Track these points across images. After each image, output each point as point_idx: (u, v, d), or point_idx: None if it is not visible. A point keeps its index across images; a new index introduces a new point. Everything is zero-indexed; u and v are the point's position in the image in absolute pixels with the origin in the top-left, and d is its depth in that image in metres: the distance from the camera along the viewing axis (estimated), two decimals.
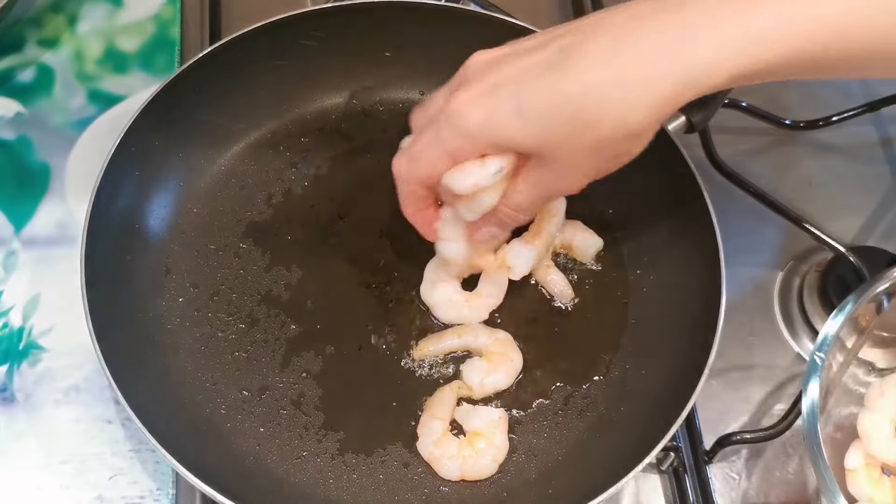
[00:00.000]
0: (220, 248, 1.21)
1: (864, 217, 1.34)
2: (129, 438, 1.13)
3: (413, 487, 1.09)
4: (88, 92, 1.35)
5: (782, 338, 1.25)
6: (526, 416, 1.14)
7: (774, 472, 1.17)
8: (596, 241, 1.22)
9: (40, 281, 1.22)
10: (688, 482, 1.13)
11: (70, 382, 1.16)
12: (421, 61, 1.29)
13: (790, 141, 1.38)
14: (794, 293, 1.27)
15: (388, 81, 1.30)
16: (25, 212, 1.26)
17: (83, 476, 1.11)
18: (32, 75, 1.36)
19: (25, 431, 1.13)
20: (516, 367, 1.14)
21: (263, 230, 1.23)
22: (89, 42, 1.39)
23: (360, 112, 1.31)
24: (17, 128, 1.32)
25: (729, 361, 1.21)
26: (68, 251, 1.22)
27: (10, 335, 1.18)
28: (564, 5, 1.46)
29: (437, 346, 1.16)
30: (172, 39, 1.39)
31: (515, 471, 1.11)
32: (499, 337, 1.15)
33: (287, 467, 1.09)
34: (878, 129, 1.41)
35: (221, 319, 1.17)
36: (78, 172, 1.29)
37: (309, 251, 1.22)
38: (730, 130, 1.34)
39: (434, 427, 1.10)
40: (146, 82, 1.35)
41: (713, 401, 1.19)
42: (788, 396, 1.19)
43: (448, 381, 1.14)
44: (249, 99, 1.26)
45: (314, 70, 1.28)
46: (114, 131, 1.15)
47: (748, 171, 1.27)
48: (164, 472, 1.12)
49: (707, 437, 1.15)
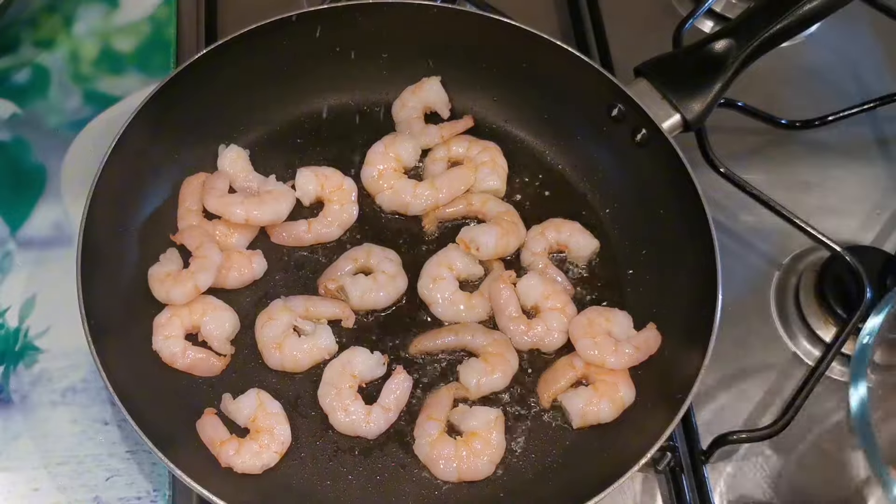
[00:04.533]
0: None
1: (861, 217, 1.34)
2: (126, 440, 1.13)
3: (410, 489, 1.09)
4: (84, 93, 1.35)
5: (779, 337, 1.25)
6: (523, 417, 1.14)
7: (771, 472, 1.17)
8: (592, 242, 1.22)
9: (36, 282, 1.21)
10: (685, 482, 1.13)
11: (66, 384, 1.16)
12: (416, 62, 1.29)
13: (786, 140, 1.38)
14: (790, 293, 1.27)
15: (383, 82, 1.30)
16: (21, 213, 1.26)
17: (80, 477, 1.11)
18: (28, 76, 1.36)
19: (22, 433, 1.13)
20: (513, 367, 1.14)
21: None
22: (85, 43, 1.39)
23: (357, 112, 1.31)
24: (13, 129, 1.31)
25: (725, 361, 1.21)
26: (64, 252, 1.22)
27: (7, 336, 1.18)
28: (561, 6, 1.46)
29: (434, 342, 1.16)
30: (168, 40, 1.39)
31: (513, 471, 1.11)
32: (496, 338, 1.15)
33: (284, 469, 1.09)
34: (873, 129, 1.41)
35: None
36: (74, 173, 1.28)
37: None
38: (726, 130, 1.34)
39: (430, 428, 1.10)
40: (142, 83, 1.35)
41: (710, 400, 1.20)
42: (785, 396, 1.20)
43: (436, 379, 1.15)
44: (245, 100, 1.26)
45: (310, 71, 1.28)
46: (110, 132, 1.15)
47: (744, 170, 1.27)
48: (161, 473, 1.12)
49: (704, 436, 1.15)
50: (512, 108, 1.30)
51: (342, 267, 1.18)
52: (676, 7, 1.48)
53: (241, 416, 1.09)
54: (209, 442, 1.07)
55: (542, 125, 1.29)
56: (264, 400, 1.10)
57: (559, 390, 1.13)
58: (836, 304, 1.22)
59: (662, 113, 1.18)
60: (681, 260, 1.16)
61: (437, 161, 1.26)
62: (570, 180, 1.27)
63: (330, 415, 1.11)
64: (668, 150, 1.16)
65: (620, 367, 1.12)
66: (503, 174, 1.25)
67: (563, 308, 1.16)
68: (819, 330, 1.23)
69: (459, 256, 1.19)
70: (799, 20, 1.19)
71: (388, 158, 1.24)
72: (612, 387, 1.12)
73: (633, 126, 1.20)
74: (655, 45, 1.27)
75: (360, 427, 1.10)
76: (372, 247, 1.20)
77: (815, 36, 1.47)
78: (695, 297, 1.13)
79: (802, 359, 1.23)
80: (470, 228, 1.20)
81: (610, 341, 1.13)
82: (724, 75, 1.18)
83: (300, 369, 1.14)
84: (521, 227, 1.21)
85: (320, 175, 1.23)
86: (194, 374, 1.12)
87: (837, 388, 1.21)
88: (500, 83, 1.29)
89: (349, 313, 1.16)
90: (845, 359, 1.22)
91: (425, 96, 1.28)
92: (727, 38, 1.18)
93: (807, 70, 1.45)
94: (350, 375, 1.12)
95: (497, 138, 1.28)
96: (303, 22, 1.23)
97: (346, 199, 1.22)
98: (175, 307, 1.13)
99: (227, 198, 1.19)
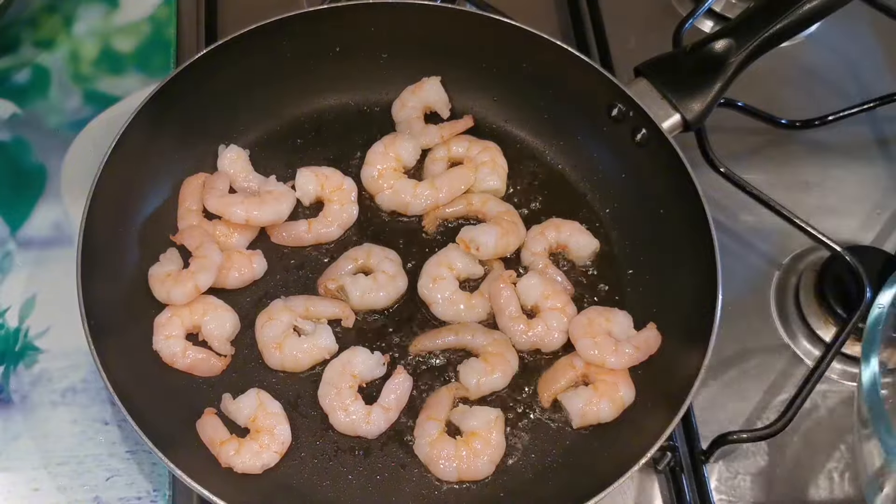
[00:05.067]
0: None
1: (861, 216, 1.34)
2: (126, 440, 1.13)
3: (410, 489, 1.09)
4: (84, 93, 1.35)
5: (779, 337, 1.25)
6: (523, 417, 1.14)
7: (771, 471, 1.17)
8: (592, 242, 1.22)
9: (36, 282, 1.21)
10: (685, 481, 1.13)
11: (66, 384, 1.16)
12: (416, 62, 1.29)
13: (786, 140, 1.38)
14: (790, 293, 1.27)
15: (383, 82, 1.30)
16: (21, 213, 1.26)
17: (80, 477, 1.11)
18: (28, 76, 1.36)
19: (22, 433, 1.13)
20: (513, 367, 1.14)
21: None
22: (85, 43, 1.39)
23: (356, 113, 1.31)
24: (13, 129, 1.32)
25: (725, 361, 1.21)
26: (65, 252, 1.22)
27: (7, 336, 1.18)
28: (561, 6, 1.46)
29: (434, 342, 1.16)
30: (168, 40, 1.39)
31: (513, 471, 1.11)
32: (496, 338, 1.15)
33: (284, 469, 1.09)
34: (873, 129, 1.41)
35: None
36: (74, 173, 1.28)
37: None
38: (726, 130, 1.34)
39: (430, 428, 1.10)
40: (142, 83, 1.35)
41: (710, 400, 1.20)
42: (785, 396, 1.20)
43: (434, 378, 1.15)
44: (245, 100, 1.26)
45: (310, 71, 1.28)
46: (110, 132, 1.15)
47: (744, 170, 1.27)
48: (161, 473, 1.12)
49: (704, 436, 1.15)
50: (512, 108, 1.30)
51: (342, 267, 1.18)
52: (676, 7, 1.48)
53: (242, 416, 1.09)
54: (209, 442, 1.07)
55: (542, 125, 1.29)
56: (264, 400, 1.10)
57: (559, 390, 1.13)
58: (836, 304, 1.22)
59: (662, 113, 1.18)
60: (681, 260, 1.16)
61: (437, 161, 1.26)
62: (570, 180, 1.28)
63: (330, 415, 1.11)
64: (668, 150, 1.16)
65: (620, 367, 1.12)
66: (503, 174, 1.25)
67: (564, 308, 1.16)
68: (819, 330, 1.23)
69: (459, 256, 1.19)
70: (799, 20, 1.19)
71: (388, 158, 1.24)
72: (612, 387, 1.12)
73: (633, 126, 1.20)
74: (655, 45, 1.27)
75: (360, 427, 1.10)
76: (372, 247, 1.20)
77: (815, 36, 1.47)
78: (695, 297, 1.13)
79: (802, 359, 1.23)
80: (470, 228, 1.20)
81: (610, 341, 1.13)
82: (724, 75, 1.18)
83: (300, 369, 1.14)
84: (521, 227, 1.21)
85: (320, 175, 1.23)
86: (194, 374, 1.12)
87: (838, 387, 1.22)
88: (500, 83, 1.29)
89: (349, 313, 1.17)
90: (845, 359, 1.22)
91: (425, 96, 1.28)
92: (727, 38, 1.18)
93: (807, 70, 1.45)
94: (350, 375, 1.12)
95: (497, 138, 1.28)
96: (303, 22, 1.23)
97: (345, 199, 1.22)
98: (175, 307, 1.13)
99: (228, 198, 1.19)
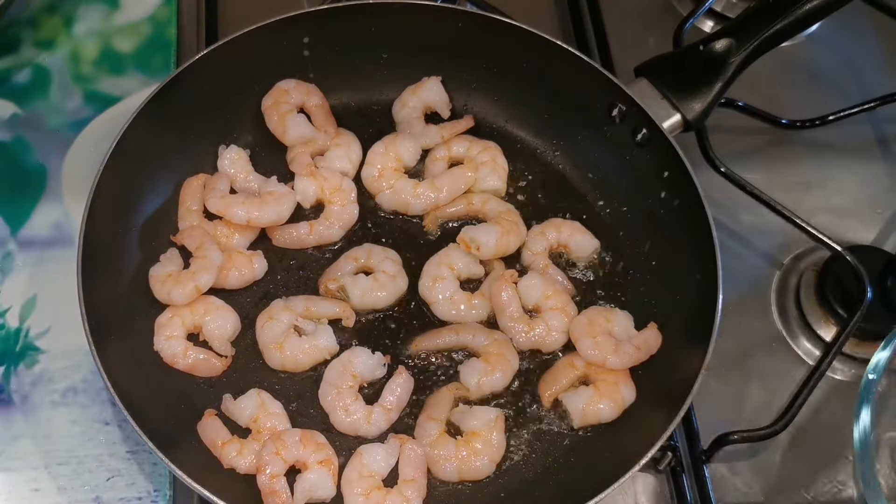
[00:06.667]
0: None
1: (861, 216, 1.34)
2: (127, 440, 1.13)
3: None
4: (85, 93, 1.35)
5: (779, 337, 1.25)
6: (523, 417, 1.14)
7: (772, 471, 1.17)
8: (592, 242, 1.22)
9: (37, 282, 1.21)
10: (685, 481, 1.13)
11: (67, 384, 1.16)
12: (416, 62, 1.29)
13: (787, 140, 1.38)
14: (790, 293, 1.27)
15: (383, 82, 1.30)
16: (22, 213, 1.26)
17: (81, 477, 1.11)
18: (28, 76, 1.36)
19: (23, 433, 1.13)
20: (513, 367, 1.14)
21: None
22: (85, 43, 1.39)
23: (355, 113, 1.31)
24: (13, 129, 1.31)
25: (726, 361, 1.21)
26: (65, 252, 1.22)
27: (7, 337, 1.18)
28: (561, 6, 1.46)
29: (434, 342, 1.16)
30: (169, 40, 1.39)
31: (513, 471, 1.11)
32: (496, 338, 1.15)
33: None
34: (874, 129, 1.41)
35: None
36: (74, 174, 1.28)
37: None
38: (726, 130, 1.34)
39: (430, 428, 1.10)
40: (142, 83, 1.35)
41: (710, 400, 1.19)
42: (786, 396, 1.19)
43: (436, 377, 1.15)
44: (246, 101, 1.26)
45: (310, 71, 1.28)
46: (110, 133, 1.15)
47: (744, 170, 1.27)
48: (162, 473, 1.12)
49: (704, 436, 1.15)
50: (512, 108, 1.30)
51: (343, 267, 1.18)
52: (676, 7, 1.48)
53: (243, 417, 1.09)
54: (211, 444, 1.07)
55: (542, 125, 1.29)
56: (265, 400, 1.10)
57: (560, 390, 1.13)
58: (837, 304, 1.22)
59: (663, 113, 1.18)
60: (681, 260, 1.16)
61: (438, 161, 1.26)
62: (571, 180, 1.27)
63: (331, 414, 1.11)
64: (669, 150, 1.16)
65: (621, 367, 1.12)
66: (503, 174, 1.25)
67: (564, 308, 1.16)
68: (819, 330, 1.23)
69: (460, 256, 1.19)
70: (799, 20, 1.19)
71: (389, 158, 1.24)
72: (612, 386, 1.12)
73: (634, 126, 1.20)
74: (655, 45, 1.27)
75: (360, 427, 1.10)
76: (372, 247, 1.20)
77: (815, 36, 1.47)
78: (695, 296, 1.13)
79: (803, 358, 1.23)
80: (470, 228, 1.20)
81: (610, 341, 1.13)
82: (724, 75, 1.18)
83: (301, 369, 1.14)
84: (521, 227, 1.21)
85: (318, 177, 1.23)
86: (195, 374, 1.12)
87: (838, 387, 1.22)
88: (500, 83, 1.29)
89: (350, 313, 1.16)
90: (846, 358, 1.22)
91: (425, 96, 1.28)
92: (727, 38, 1.18)
93: (807, 70, 1.45)
94: (351, 375, 1.12)
95: (497, 138, 1.28)
96: (303, 22, 1.23)
97: (345, 200, 1.22)
98: (176, 307, 1.13)
99: (229, 198, 1.19)
